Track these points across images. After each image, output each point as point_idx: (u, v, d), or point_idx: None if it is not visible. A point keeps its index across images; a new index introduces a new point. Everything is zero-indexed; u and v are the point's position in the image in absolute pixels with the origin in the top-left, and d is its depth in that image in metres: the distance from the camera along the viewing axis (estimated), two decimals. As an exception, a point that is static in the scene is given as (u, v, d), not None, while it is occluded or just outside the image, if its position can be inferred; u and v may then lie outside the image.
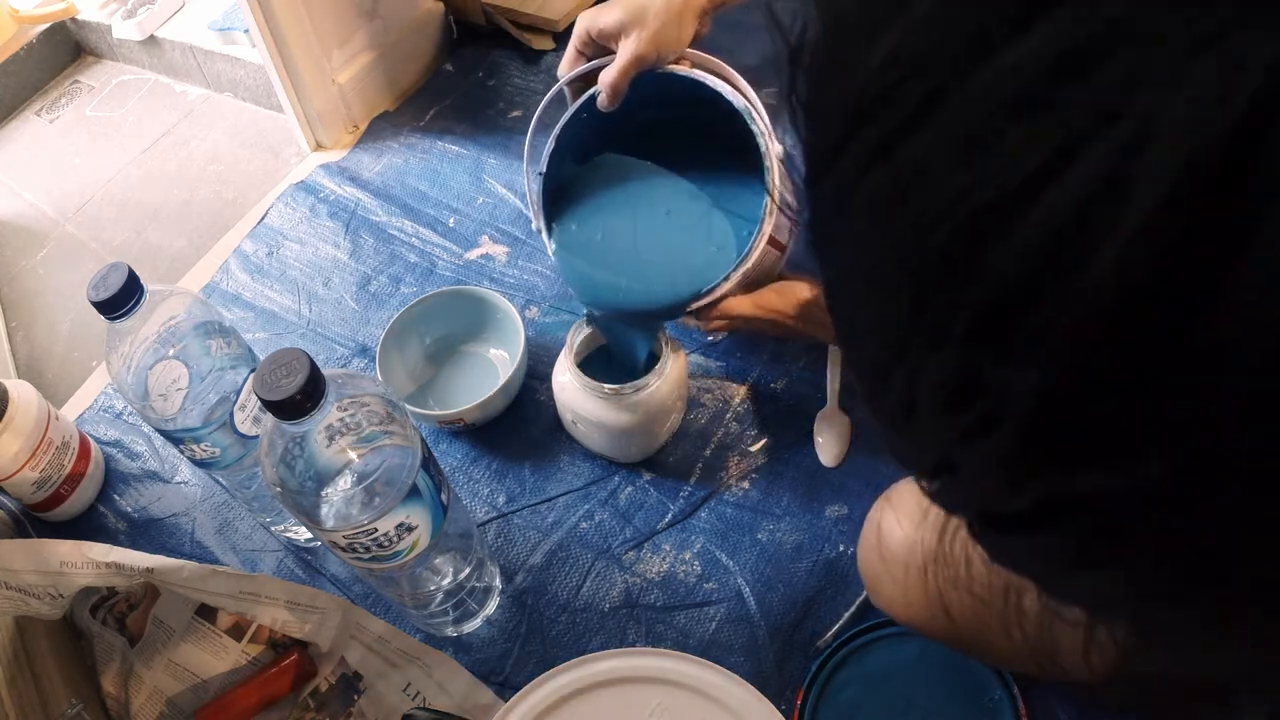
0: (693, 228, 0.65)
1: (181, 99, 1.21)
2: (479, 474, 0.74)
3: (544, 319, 0.82)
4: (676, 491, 0.70)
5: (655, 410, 0.65)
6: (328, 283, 0.89)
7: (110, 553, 0.59)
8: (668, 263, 0.64)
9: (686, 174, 0.67)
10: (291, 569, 0.71)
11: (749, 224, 0.62)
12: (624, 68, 0.59)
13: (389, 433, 0.49)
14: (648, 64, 0.59)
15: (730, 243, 0.63)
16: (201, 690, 0.65)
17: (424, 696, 0.62)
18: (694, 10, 0.59)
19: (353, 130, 1.04)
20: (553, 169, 0.65)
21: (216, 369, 0.58)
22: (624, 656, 0.58)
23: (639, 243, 0.65)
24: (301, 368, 0.43)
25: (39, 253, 1.06)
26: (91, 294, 0.52)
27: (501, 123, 1.00)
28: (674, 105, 0.63)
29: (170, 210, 1.07)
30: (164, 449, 0.79)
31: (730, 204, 0.65)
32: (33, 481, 0.71)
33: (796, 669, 0.61)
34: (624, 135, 0.66)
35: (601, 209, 0.67)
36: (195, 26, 1.17)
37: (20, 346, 0.97)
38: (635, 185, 0.67)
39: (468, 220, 0.91)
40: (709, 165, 0.66)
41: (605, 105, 0.61)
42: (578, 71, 0.63)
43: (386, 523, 0.49)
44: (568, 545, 0.69)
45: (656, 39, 0.58)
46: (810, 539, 0.67)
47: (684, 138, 0.66)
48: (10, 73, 1.24)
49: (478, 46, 1.09)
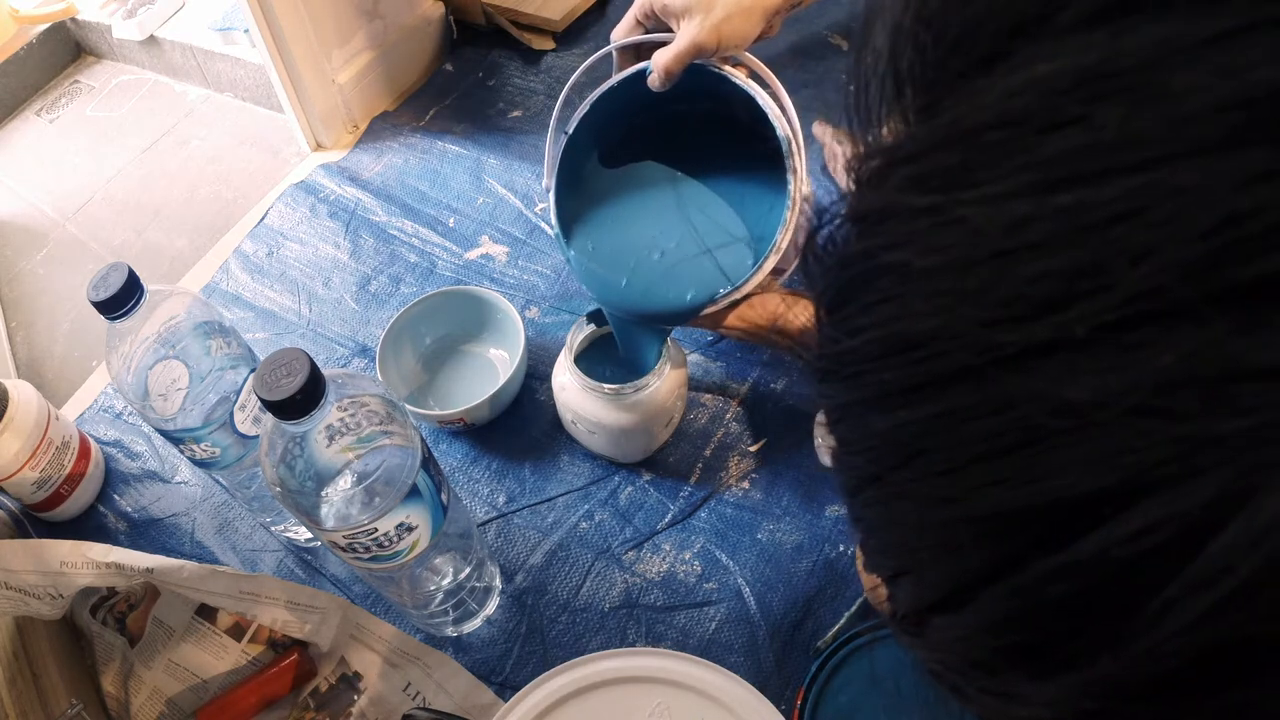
0: (709, 236, 0.64)
1: (181, 99, 1.21)
2: (479, 474, 0.74)
3: (544, 319, 0.82)
4: (676, 491, 0.70)
5: (655, 410, 0.65)
6: (328, 283, 0.89)
7: (110, 553, 0.59)
8: (683, 268, 0.63)
9: (711, 170, 0.65)
10: (291, 569, 0.71)
11: (762, 240, 0.61)
12: (681, 53, 0.55)
13: (389, 433, 0.49)
14: (706, 53, 0.56)
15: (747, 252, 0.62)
16: (201, 690, 0.65)
17: (424, 696, 0.62)
18: (764, 8, 0.56)
19: (353, 130, 1.04)
20: (579, 143, 0.63)
21: (216, 369, 0.58)
22: (624, 656, 0.58)
23: (654, 247, 0.64)
24: (301, 368, 0.43)
25: (39, 253, 1.06)
26: (91, 294, 0.52)
27: (501, 123, 1.00)
28: (712, 99, 0.61)
29: (170, 210, 1.07)
30: (164, 449, 0.79)
31: (747, 212, 0.64)
32: (33, 481, 0.71)
33: (796, 669, 0.61)
34: (654, 121, 0.65)
35: (619, 212, 0.66)
36: (195, 26, 1.17)
37: (20, 346, 0.97)
38: (654, 190, 0.66)
39: (468, 220, 0.91)
40: (735, 164, 0.64)
41: (657, 86, 0.58)
42: (632, 40, 0.60)
43: (386, 523, 0.49)
44: (568, 545, 0.69)
45: (720, 29, 0.55)
46: (810, 539, 0.67)
47: (713, 133, 0.64)
48: (10, 73, 1.24)
49: (478, 46, 1.09)
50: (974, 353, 0.15)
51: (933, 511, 0.17)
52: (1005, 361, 0.15)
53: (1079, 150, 0.14)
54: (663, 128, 0.65)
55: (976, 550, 0.16)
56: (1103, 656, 0.15)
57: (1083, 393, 0.14)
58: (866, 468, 0.19)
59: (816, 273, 0.20)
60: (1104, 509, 0.14)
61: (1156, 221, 0.13)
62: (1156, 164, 0.13)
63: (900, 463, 0.17)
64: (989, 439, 0.15)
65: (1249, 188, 0.12)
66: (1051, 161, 0.14)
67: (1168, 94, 0.13)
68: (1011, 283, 0.14)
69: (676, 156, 0.67)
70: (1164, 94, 0.13)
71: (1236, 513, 0.12)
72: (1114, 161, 0.13)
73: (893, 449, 0.18)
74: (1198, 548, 0.13)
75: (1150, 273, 0.13)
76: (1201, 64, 0.13)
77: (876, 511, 0.20)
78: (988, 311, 0.15)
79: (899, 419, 0.17)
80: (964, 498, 0.16)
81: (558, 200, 0.65)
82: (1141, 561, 0.14)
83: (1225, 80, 0.13)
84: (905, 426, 0.17)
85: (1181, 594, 0.13)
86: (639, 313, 0.64)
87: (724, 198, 0.65)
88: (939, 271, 0.15)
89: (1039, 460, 0.15)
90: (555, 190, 0.65)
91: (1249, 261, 0.12)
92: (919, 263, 0.16)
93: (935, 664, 0.19)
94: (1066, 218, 0.14)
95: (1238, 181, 0.12)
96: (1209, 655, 0.13)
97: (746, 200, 0.64)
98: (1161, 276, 0.13)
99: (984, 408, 0.15)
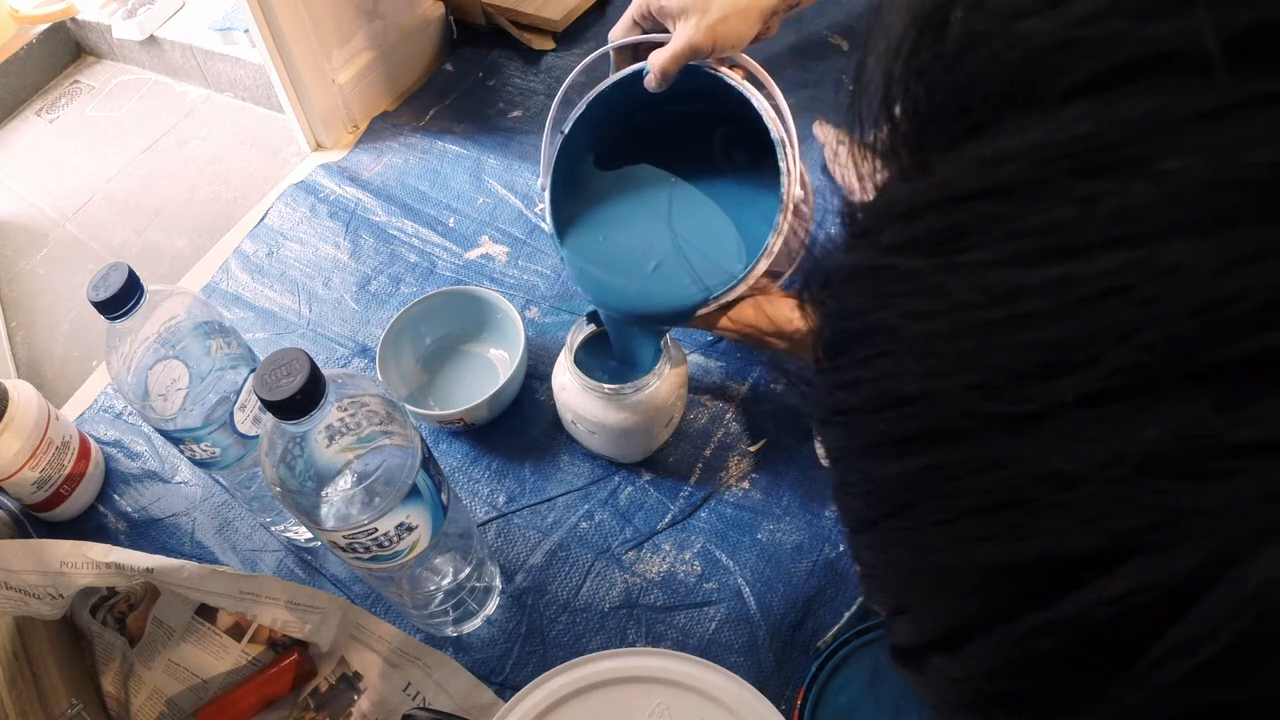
0: (702, 238, 0.64)
1: (181, 99, 1.21)
2: (479, 474, 0.74)
3: (544, 319, 0.82)
4: (676, 491, 0.70)
5: (655, 410, 0.65)
6: (328, 283, 0.89)
7: (110, 553, 0.59)
8: (676, 270, 0.63)
9: (706, 172, 0.66)
10: (291, 569, 0.71)
11: (755, 243, 0.61)
12: (677, 54, 0.56)
13: (389, 433, 0.49)
14: (702, 55, 0.56)
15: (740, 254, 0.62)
16: (201, 690, 0.65)
17: (424, 696, 0.62)
18: (761, 8, 0.56)
19: (353, 130, 1.04)
20: (576, 143, 0.64)
21: (216, 369, 0.58)
22: (624, 656, 0.58)
23: (648, 248, 0.65)
24: (301, 368, 0.43)
25: (39, 253, 1.06)
26: (91, 294, 0.52)
27: (501, 123, 1.00)
28: (707, 100, 0.61)
29: (170, 210, 1.07)
30: (164, 449, 0.79)
31: (742, 214, 0.64)
32: (33, 481, 0.71)
33: (796, 669, 0.61)
34: (651, 121, 0.65)
35: (614, 213, 0.66)
36: (195, 26, 1.17)
37: (20, 346, 0.97)
38: (649, 192, 0.66)
39: (468, 220, 0.91)
40: (730, 166, 0.64)
41: (653, 87, 0.58)
42: (629, 40, 0.60)
43: (386, 523, 0.49)
44: (568, 545, 0.69)
45: (716, 30, 0.55)
46: (810, 539, 0.67)
47: (710, 135, 0.64)
48: (10, 73, 1.24)
49: (478, 46, 1.09)
50: (963, 415, 0.15)
51: (926, 559, 0.17)
52: (994, 424, 0.15)
53: (1068, 222, 0.14)
54: (659, 128, 0.66)
55: (970, 599, 0.17)
56: (1092, 710, 0.15)
57: (1068, 462, 0.14)
58: (865, 512, 0.19)
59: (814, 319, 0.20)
60: (1089, 570, 0.14)
61: (1144, 299, 0.13)
62: (1145, 240, 0.13)
63: (894, 510, 0.18)
64: (979, 495, 0.15)
65: (1236, 268, 0.12)
66: (1041, 232, 0.14)
67: (1155, 170, 0.13)
68: (1000, 351, 0.15)
69: (673, 157, 0.67)
70: (1152, 170, 0.13)
71: (1219, 579, 0.13)
72: (1103, 236, 0.14)
73: (887, 496, 0.18)
74: (1181, 612, 0.13)
75: (1136, 349, 0.13)
76: (1187, 141, 0.13)
77: (874, 554, 0.20)
78: (977, 377, 0.15)
79: (891, 469, 0.17)
80: (957, 549, 0.16)
81: (553, 201, 0.65)
82: (1127, 621, 0.14)
83: (1216, 158, 0.13)
84: (898, 477, 0.17)
85: (1166, 655, 0.13)
86: (631, 313, 0.64)
87: (718, 199, 0.65)
88: (929, 336, 0.16)
89: (1026, 520, 0.15)
90: (551, 190, 0.65)
91: (1233, 341, 0.12)
92: (909, 326, 0.16)
93: (933, 700, 0.20)
94: (1055, 290, 0.14)
95: (1225, 262, 0.12)
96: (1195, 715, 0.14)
97: (741, 202, 0.64)
98: (1147, 353, 0.13)
99: (974, 465, 0.15)
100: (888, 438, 0.17)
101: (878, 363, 0.17)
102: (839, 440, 0.19)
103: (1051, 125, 0.14)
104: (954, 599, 0.17)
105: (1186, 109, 0.13)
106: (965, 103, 0.16)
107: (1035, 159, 0.14)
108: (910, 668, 0.20)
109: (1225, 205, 0.13)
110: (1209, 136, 0.13)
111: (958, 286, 0.15)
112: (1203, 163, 0.13)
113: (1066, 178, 0.14)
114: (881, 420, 0.17)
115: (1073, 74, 0.14)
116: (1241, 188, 0.12)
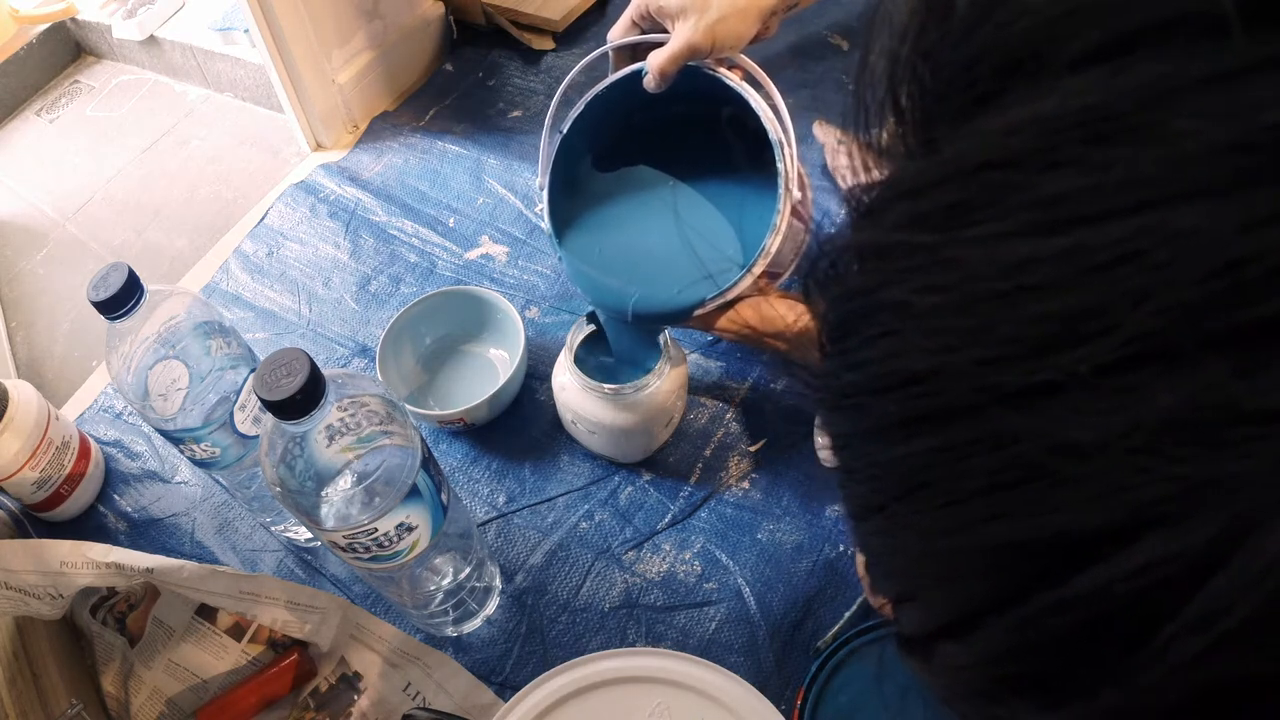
0: (700, 239, 0.64)
1: (181, 99, 1.21)
2: (479, 474, 0.74)
3: (544, 319, 0.82)
4: (676, 491, 0.70)
5: (655, 410, 0.65)
6: (328, 283, 0.89)
7: (110, 553, 0.59)
8: (673, 271, 0.63)
9: (704, 172, 0.66)
10: (291, 569, 0.71)
11: (752, 244, 0.60)
12: (675, 54, 0.56)
13: (389, 433, 0.49)
14: (701, 55, 0.56)
15: (738, 255, 0.62)
16: (201, 690, 0.65)
17: (424, 696, 0.62)
18: (759, 9, 0.56)
19: (353, 130, 1.04)
20: (574, 143, 0.64)
21: (216, 369, 0.58)
22: (624, 656, 0.58)
23: (645, 249, 0.65)
24: (301, 368, 0.43)
25: (39, 253, 1.06)
26: (91, 294, 0.52)
27: (501, 123, 1.00)
28: (706, 101, 0.61)
29: (170, 210, 1.07)
30: (164, 449, 0.79)
31: (740, 214, 0.64)
32: (33, 481, 0.71)
33: (796, 669, 0.61)
34: (650, 122, 0.65)
35: (612, 214, 0.66)
36: (195, 26, 1.17)
37: (20, 346, 0.97)
38: (647, 192, 0.66)
39: (468, 220, 0.91)
40: (728, 166, 0.64)
41: (652, 88, 0.58)
42: (627, 41, 0.60)
43: (386, 523, 0.49)
44: (568, 545, 0.69)
45: (715, 31, 0.55)
46: (810, 539, 0.67)
47: (708, 135, 0.64)
48: (10, 73, 1.24)
49: (478, 46, 1.09)
50: (974, 390, 0.15)
51: (935, 543, 0.17)
52: (1006, 399, 0.15)
53: (1079, 191, 0.14)
54: (658, 129, 0.66)
55: (980, 582, 0.16)
56: (1106, 689, 0.15)
57: (1084, 433, 0.14)
58: (871, 497, 0.19)
59: (819, 302, 0.20)
60: (1105, 545, 0.14)
61: (1157, 264, 0.13)
62: (1157, 206, 0.13)
63: (903, 494, 0.17)
64: (990, 474, 0.15)
65: (1251, 231, 0.12)
66: (1051, 202, 0.14)
67: (1168, 135, 0.13)
68: (1011, 324, 0.14)
69: (671, 157, 0.67)
70: (1165, 135, 0.13)
71: (1236, 552, 0.12)
72: (1114, 203, 0.13)
73: (895, 480, 0.18)
74: (1198, 585, 0.13)
75: (1150, 315, 0.13)
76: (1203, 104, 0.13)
77: (880, 540, 0.20)
78: (988, 351, 0.15)
79: (900, 452, 0.17)
80: (966, 531, 0.16)
81: (552, 201, 0.65)
82: (1143, 597, 0.14)
83: (1227, 122, 0.12)
84: (906, 459, 0.17)
85: (1182, 631, 0.13)
86: (629, 314, 0.64)
87: (716, 200, 0.65)
88: (938, 310, 0.15)
89: (1041, 496, 0.15)
90: (550, 191, 0.65)
91: (1250, 305, 0.12)
92: (918, 301, 0.16)
93: (942, 690, 0.19)
94: (1066, 260, 0.14)
95: (1239, 225, 0.12)
96: (1211, 691, 0.13)
97: (739, 203, 0.64)
98: (1162, 319, 0.13)
99: (985, 443, 0.15)
100: (895, 419, 0.17)
101: (885, 342, 0.17)
102: (845, 426, 0.19)
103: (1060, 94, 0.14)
104: (962, 582, 0.17)
105: (1199, 73, 0.13)
106: (973, 77, 0.16)
107: (1044, 128, 0.14)
108: (918, 657, 0.19)
109: (1243, 167, 0.12)
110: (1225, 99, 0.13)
111: (967, 260, 0.15)
112: (1218, 126, 0.12)
113: (1076, 146, 0.14)
114: (889, 401, 0.17)
115: (1081, 42, 0.14)
116: (1259, 149, 0.12)
